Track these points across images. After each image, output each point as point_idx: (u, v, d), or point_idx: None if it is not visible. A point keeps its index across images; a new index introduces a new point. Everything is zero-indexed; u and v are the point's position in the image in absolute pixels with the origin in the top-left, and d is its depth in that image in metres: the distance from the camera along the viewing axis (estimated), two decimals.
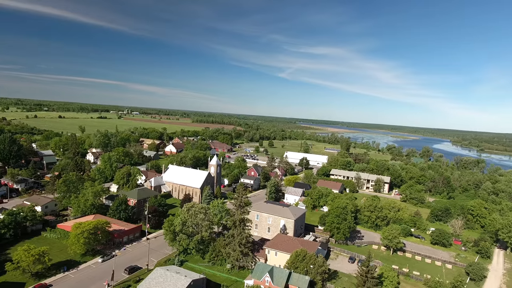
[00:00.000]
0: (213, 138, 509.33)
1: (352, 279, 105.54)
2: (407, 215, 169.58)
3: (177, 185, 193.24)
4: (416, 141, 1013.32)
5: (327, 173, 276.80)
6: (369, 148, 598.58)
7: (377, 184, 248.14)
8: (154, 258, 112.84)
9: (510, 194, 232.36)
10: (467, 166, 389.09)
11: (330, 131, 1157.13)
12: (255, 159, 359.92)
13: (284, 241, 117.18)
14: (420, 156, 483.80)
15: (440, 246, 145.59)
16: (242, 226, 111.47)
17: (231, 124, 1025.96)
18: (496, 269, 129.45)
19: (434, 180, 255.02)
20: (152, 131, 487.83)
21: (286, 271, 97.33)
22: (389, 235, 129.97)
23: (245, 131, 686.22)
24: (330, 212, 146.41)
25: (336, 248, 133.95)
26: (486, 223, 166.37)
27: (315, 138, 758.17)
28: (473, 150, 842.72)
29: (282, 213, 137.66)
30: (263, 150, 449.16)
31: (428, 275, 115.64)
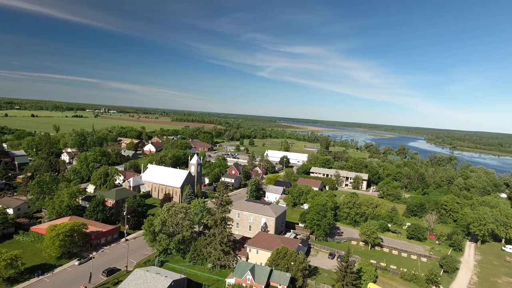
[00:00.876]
0: (194, 137, 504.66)
1: (332, 275, 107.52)
2: (384, 211, 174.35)
3: (157, 185, 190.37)
4: (392, 139, 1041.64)
5: (307, 171, 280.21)
6: (348, 146, 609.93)
7: (355, 181, 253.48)
8: (133, 259, 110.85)
9: (480, 189, 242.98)
10: (440, 163, 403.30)
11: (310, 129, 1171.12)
12: (236, 158, 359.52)
13: (265, 239, 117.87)
14: (396, 153, 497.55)
15: (416, 240, 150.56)
16: (223, 225, 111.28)
17: (212, 123, 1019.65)
18: (467, 261, 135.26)
19: (409, 176, 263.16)
20: (130, 130, 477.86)
21: (268, 269, 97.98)
22: (367, 231, 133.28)
23: (225, 130, 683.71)
24: (311, 209, 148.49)
25: (317, 244, 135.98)
26: (458, 217, 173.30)
27: (295, 137, 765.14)
28: (446, 147, 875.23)
29: (263, 211, 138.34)
30: (243, 149, 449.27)
31: (404, 268, 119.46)
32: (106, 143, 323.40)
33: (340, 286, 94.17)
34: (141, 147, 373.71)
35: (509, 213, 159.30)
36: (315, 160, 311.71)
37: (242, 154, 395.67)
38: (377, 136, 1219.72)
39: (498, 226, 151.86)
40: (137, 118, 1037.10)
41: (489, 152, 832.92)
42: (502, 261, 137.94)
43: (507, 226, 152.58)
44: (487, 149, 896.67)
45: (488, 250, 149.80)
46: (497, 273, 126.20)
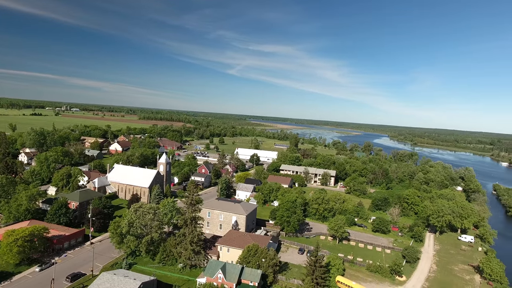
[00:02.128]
0: (162, 136, 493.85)
1: (301, 269, 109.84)
2: (351, 206, 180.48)
3: (124, 185, 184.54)
4: (358, 136, 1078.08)
5: (277, 169, 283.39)
6: (316, 144, 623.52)
7: (324, 177, 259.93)
8: (99, 263, 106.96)
9: (438, 183, 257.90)
10: (402, 159, 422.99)
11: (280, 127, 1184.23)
12: (206, 156, 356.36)
13: (236, 237, 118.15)
14: (362, 150, 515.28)
15: (380, 233, 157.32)
16: (194, 224, 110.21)
17: (181, 121, 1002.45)
18: (427, 251, 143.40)
19: (374, 172, 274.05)
20: (94, 129, 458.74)
21: (239, 267, 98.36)
22: (335, 226, 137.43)
23: (195, 128, 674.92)
24: (281, 206, 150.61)
25: (287, 240, 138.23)
26: (419, 210, 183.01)
27: (265, 135, 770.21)
28: (407, 144, 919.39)
29: (234, 209, 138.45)
30: (213, 147, 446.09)
31: (370, 260, 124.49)
32: (69, 143, 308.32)
33: (309, 280, 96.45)
34: (107, 146, 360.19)
35: (464, 205, 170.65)
36: (285, 158, 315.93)
37: (212, 153, 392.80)
38: (344, 133, 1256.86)
39: (454, 217, 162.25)
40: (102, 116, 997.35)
41: (446, 148, 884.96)
42: (458, 250, 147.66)
43: (462, 217, 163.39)
44: (444, 145, 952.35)
45: (445, 240, 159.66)
46: (454, 261, 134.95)
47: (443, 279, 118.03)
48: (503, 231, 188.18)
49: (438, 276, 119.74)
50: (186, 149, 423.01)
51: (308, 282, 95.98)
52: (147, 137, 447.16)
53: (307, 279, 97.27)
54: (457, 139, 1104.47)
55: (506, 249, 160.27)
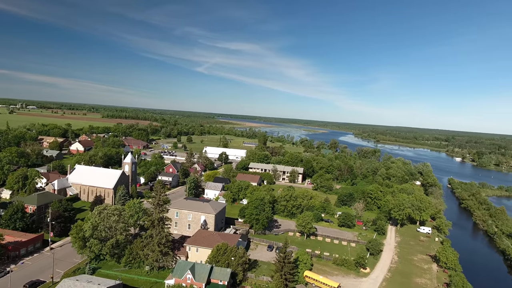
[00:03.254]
0: (127, 135, 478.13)
1: (271, 266, 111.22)
2: (318, 202, 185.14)
3: (86, 187, 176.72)
4: (325, 134, 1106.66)
5: (246, 167, 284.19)
6: (285, 142, 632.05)
7: (292, 175, 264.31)
8: (60, 269, 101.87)
9: (399, 178, 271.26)
10: (366, 156, 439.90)
11: (248, 125, 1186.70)
12: (173, 155, 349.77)
13: (205, 236, 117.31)
14: (328, 147, 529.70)
15: (346, 228, 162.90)
16: (161, 225, 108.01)
17: (147, 119, 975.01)
18: (389, 243, 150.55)
19: (340, 169, 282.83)
20: (53, 128, 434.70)
21: (208, 266, 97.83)
22: (303, 222, 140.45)
23: (162, 127, 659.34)
24: (249, 204, 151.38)
25: (256, 238, 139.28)
26: (382, 204, 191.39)
27: (233, 133, 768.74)
28: (371, 141, 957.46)
29: (203, 208, 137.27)
30: (181, 146, 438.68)
31: (336, 254, 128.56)
32: (25, 143, 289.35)
33: (278, 276, 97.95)
34: (67, 146, 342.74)
35: (423, 198, 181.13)
36: (254, 156, 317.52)
37: (180, 152, 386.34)
38: (311, 131, 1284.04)
39: (413, 210, 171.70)
40: (62, 115, 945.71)
41: (406, 144, 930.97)
42: (417, 241, 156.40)
43: (421, 210, 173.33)
44: (404, 142, 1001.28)
45: (406, 232, 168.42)
46: (413, 251, 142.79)
47: (403, 269, 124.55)
48: (457, 222, 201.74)
49: (399, 267, 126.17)
50: (153, 148, 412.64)
51: (277, 278, 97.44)
52: (111, 136, 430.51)
53: (276, 276, 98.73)
54: (416, 136, 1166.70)
55: (459, 238, 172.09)
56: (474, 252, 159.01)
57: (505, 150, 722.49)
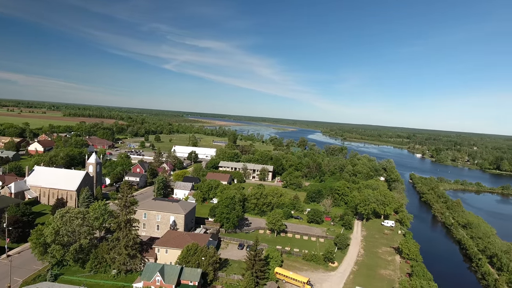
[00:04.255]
0: (91, 134, 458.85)
1: (242, 264, 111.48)
2: (288, 199, 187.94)
3: (47, 189, 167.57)
4: (294, 132, 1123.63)
5: (216, 166, 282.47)
6: (254, 140, 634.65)
7: (262, 173, 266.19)
8: (19, 277, 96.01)
9: (365, 175, 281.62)
10: (334, 153, 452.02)
11: (218, 124, 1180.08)
12: (141, 155, 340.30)
13: (175, 237, 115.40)
14: (297, 145, 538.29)
15: (315, 224, 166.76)
16: (129, 227, 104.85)
17: (112, 118, 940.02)
18: (356, 237, 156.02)
19: (309, 166, 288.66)
20: (9, 127, 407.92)
21: (178, 267, 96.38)
22: (273, 219, 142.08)
23: (128, 126, 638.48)
24: (220, 203, 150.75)
25: (227, 237, 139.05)
26: (348, 200, 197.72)
27: (203, 132, 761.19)
28: (338, 139, 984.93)
29: (172, 209, 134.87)
30: (149, 145, 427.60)
31: (306, 250, 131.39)
32: None
33: (249, 274, 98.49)
34: (25, 146, 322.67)
35: (386, 193, 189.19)
36: (224, 154, 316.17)
37: (148, 151, 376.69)
38: (281, 129, 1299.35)
39: (378, 205, 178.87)
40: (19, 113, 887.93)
41: (371, 142, 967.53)
42: (382, 234, 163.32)
43: (385, 204, 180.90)
44: (370, 139, 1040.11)
45: (371, 226, 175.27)
46: (378, 244, 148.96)
47: (369, 261, 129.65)
48: (418, 215, 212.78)
49: (365, 260, 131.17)
50: (119, 147, 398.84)
51: (248, 276, 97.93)
52: (73, 135, 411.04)
53: (247, 274, 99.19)
54: (380, 134, 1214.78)
55: (420, 230, 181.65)
56: (434, 242, 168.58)
57: (460, 147, 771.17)
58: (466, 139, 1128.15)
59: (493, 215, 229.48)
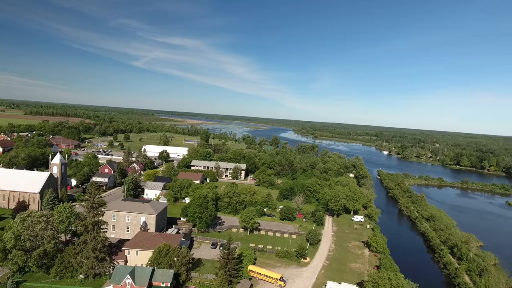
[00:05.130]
0: (55, 133, 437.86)
1: (215, 264, 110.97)
2: (261, 197, 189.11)
3: (6, 192, 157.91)
4: (266, 131, 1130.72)
5: (188, 165, 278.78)
6: (227, 139, 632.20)
7: (235, 171, 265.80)
8: None
9: (335, 172, 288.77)
10: (305, 151, 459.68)
11: (190, 122, 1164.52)
12: (109, 154, 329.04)
13: (146, 238, 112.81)
14: (270, 144, 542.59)
15: (287, 221, 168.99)
16: (97, 229, 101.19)
17: (78, 116, 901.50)
18: (327, 232, 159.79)
19: (281, 164, 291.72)
20: None
21: (149, 269, 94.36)
22: (246, 217, 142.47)
23: (96, 124, 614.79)
24: (192, 202, 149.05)
25: (199, 236, 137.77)
26: (320, 196, 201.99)
27: (174, 130, 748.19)
28: (310, 137, 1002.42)
29: (142, 209, 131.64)
30: (118, 145, 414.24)
31: (278, 247, 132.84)
32: None
33: (223, 273, 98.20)
34: None
35: (356, 189, 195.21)
36: (196, 153, 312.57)
37: (117, 151, 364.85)
38: (253, 128, 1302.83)
39: (348, 200, 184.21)
40: None
41: (341, 140, 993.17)
42: (352, 229, 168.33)
43: (354, 200, 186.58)
44: (340, 137, 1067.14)
45: (341, 221, 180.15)
46: (348, 239, 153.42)
47: (339, 255, 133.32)
48: (385, 209, 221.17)
49: (336, 254, 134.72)
50: (86, 147, 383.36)
51: (221, 275, 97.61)
52: (35, 135, 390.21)
53: (220, 272, 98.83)
54: (350, 132, 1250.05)
55: (387, 224, 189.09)
56: (400, 235, 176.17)
57: (424, 144, 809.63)
58: (429, 136, 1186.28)
59: (453, 208, 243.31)
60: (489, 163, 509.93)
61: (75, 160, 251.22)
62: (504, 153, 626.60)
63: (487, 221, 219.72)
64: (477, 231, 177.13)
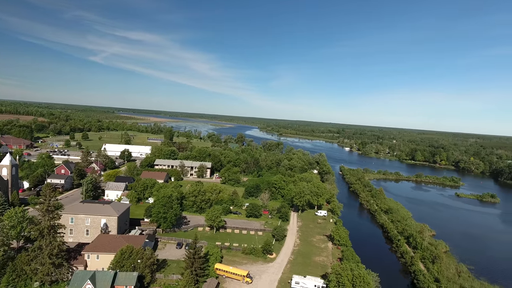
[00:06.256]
0: (4, 132, 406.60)
1: (180, 264, 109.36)
2: (227, 195, 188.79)
3: None
4: (232, 129, 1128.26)
5: (151, 164, 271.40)
6: (192, 137, 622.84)
7: (200, 170, 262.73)
8: None
9: (300, 168, 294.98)
10: (271, 148, 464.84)
11: (153, 120, 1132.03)
12: (66, 154, 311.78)
13: (107, 241, 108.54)
14: (235, 141, 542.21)
15: (254, 218, 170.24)
16: (53, 234, 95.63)
17: (30, 114, 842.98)
18: (292, 228, 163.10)
19: (247, 162, 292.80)
20: None
21: (111, 273, 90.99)
22: (212, 216, 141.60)
23: (50, 123, 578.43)
24: (156, 202, 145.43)
25: (164, 237, 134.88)
26: (285, 193, 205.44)
27: (137, 129, 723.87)
28: (275, 134, 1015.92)
29: (103, 211, 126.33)
30: (75, 144, 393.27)
31: (245, 244, 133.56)
32: None
33: (189, 272, 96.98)
34: None
35: (319, 185, 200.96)
36: (160, 152, 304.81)
37: (74, 150, 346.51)
38: (218, 126, 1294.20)
39: (312, 196, 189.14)
40: None
41: (305, 137, 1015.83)
42: (316, 224, 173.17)
43: (318, 195, 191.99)
44: (304, 134, 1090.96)
45: (306, 216, 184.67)
46: (312, 233, 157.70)
47: (304, 250, 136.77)
48: (347, 203, 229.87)
49: (301, 249, 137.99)
50: (40, 147, 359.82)
51: (187, 275, 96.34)
52: None
53: (186, 272, 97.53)
54: (313, 129, 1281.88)
55: (349, 217, 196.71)
56: (361, 228, 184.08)
57: (382, 140, 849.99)
58: (387, 133, 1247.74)
59: (409, 200, 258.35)
60: (440, 158, 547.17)
61: (28, 161, 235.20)
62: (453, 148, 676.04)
63: (439, 211, 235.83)
64: (430, 221, 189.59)
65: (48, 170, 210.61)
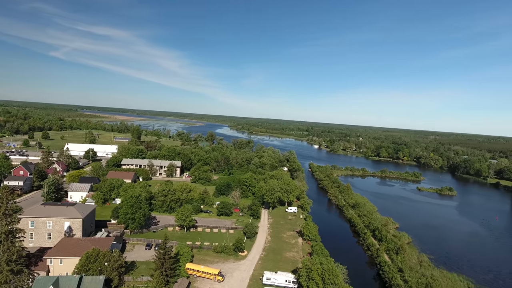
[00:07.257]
0: None
1: (150, 265, 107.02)
2: (197, 194, 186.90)
3: None
4: (202, 127, 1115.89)
5: (118, 164, 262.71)
6: (161, 135, 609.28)
7: (169, 169, 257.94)
8: None
9: (270, 166, 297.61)
10: (241, 146, 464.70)
11: (119, 119, 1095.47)
12: (24, 155, 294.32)
13: (71, 244, 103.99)
14: (205, 140, 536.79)
15: (225, 216, 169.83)
16: (11, 239, 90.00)
17: None
18: (263, 225, 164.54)
19: (217, 160, 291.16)
20: None
21: (76, 277, 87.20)
22: (182, 215, 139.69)
23: (6, 121, 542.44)
24: (124, 203, 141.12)
25: (133, 238, 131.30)
26: (256, 190, 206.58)
27: (102, 127, 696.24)
28: (245, 133, 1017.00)
29: (66, 213, 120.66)
30: (35, 144, 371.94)
31: (216, 242, 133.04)
32: None
33: (159, 273, 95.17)
34: None
35: (289, 182, 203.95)
36: (127, 151, 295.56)
37: (34, 150, 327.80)
38: (188, 124, 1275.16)
39: (282, 193, 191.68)
40: None
41: (275, 135, 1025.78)
42: (286, 220, 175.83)
43: (288, 192, 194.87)
44: (274, 132, 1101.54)
45: (276, 213, 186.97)
46: (283, 229, 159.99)
47: (275, 246, 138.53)
48: (317, 199, 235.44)
49: (272, 245, 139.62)
50: None
51: (157, 276, 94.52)
52: None
53: (156, 273, 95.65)
54: (283, 128, 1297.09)
55: (318, 213, 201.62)
56: (330, 223, 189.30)
57: (349, 138, 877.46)
58: (354, 131, 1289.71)
59: (374, 195, 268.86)
60: (403, 154, 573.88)
61: None
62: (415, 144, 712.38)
63: (402, 205, 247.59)
64: (394, 214, 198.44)
65: (5, 171, 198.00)
